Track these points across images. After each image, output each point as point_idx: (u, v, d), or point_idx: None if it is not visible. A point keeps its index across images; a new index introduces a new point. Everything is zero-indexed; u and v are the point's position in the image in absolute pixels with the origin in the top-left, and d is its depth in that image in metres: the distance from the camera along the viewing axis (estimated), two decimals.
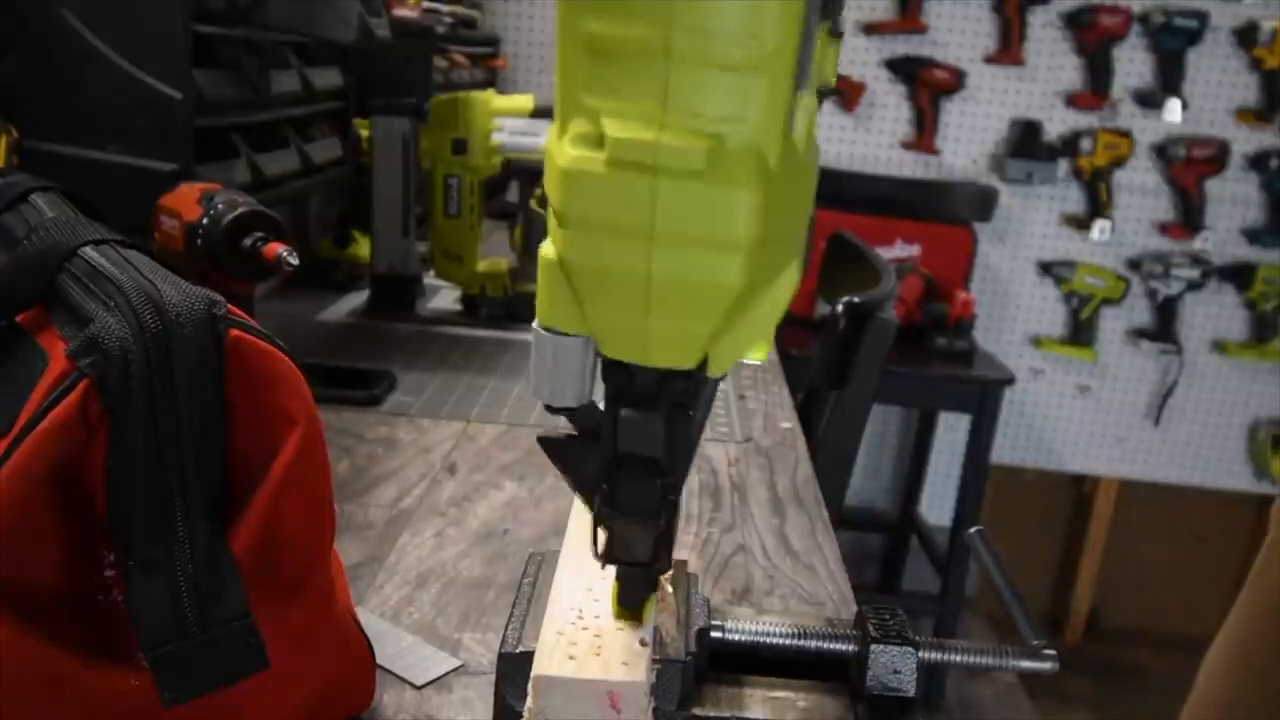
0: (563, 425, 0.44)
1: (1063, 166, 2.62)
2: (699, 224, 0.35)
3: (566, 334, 0.39)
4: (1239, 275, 2.68)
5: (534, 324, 0.40)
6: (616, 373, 0.40)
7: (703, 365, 0.40)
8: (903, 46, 2.59)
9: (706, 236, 0.35)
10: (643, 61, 0.33)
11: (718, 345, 0.39)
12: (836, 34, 0.39)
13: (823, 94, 0.40)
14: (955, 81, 2.58)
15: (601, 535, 0.44)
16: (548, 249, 0.38)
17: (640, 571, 0.46)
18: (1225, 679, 0.78)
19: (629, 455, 0.42)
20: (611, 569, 0.50)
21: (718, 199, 0.34)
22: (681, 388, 0.41)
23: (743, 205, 0.34)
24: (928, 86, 2.59)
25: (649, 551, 0.44)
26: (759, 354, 0.39)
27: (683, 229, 0.35)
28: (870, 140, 2.65)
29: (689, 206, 0.35)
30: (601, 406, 0.42)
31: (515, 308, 1.39)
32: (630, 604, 0.49)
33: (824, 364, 1.26)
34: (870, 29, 2.57)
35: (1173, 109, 2.56)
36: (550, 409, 0.42)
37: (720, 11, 0.32)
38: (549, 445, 0.45)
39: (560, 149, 0.36)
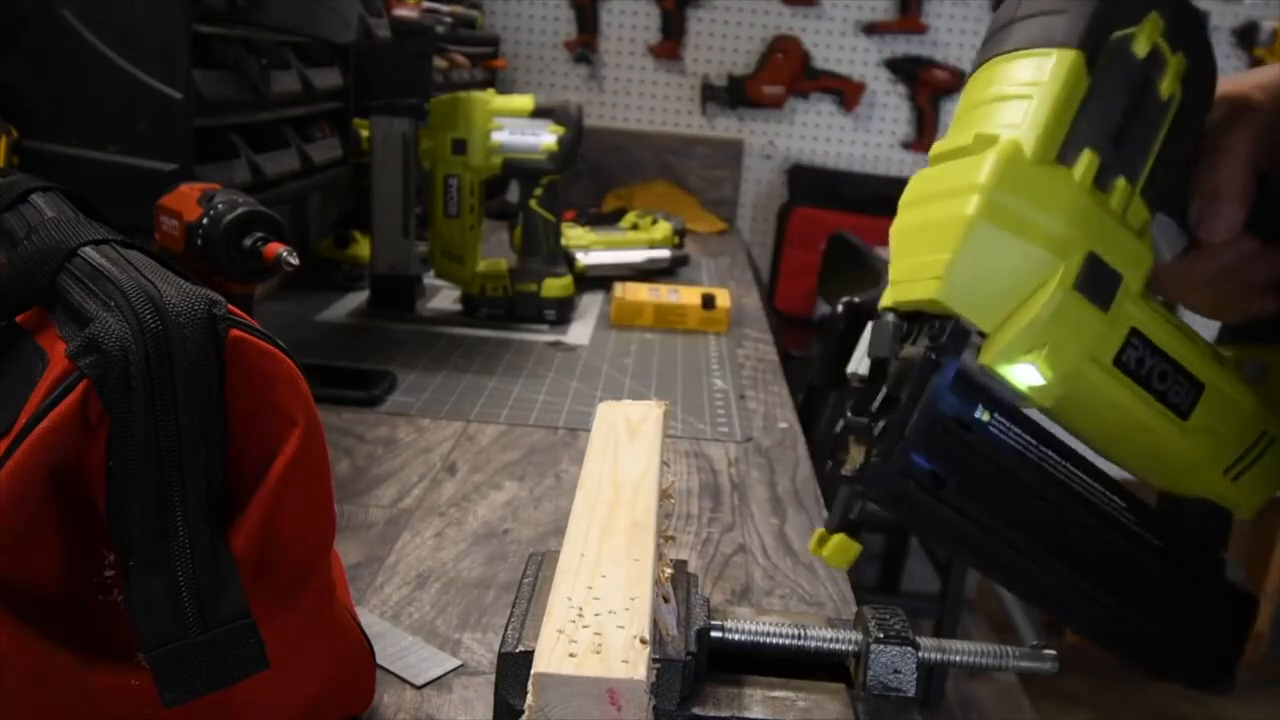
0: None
1: None
2: (955, 181, 0.43)
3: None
4: None
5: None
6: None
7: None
8: (903, 46, 2.59)
9: (959, 186, 0.43)
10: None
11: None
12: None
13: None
14: (955, 81, 2.58)
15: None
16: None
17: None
18: None
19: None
20: (609, 569, 0.51)
21: (973, 162, 0.42)
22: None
23: (988, 160, 0.41)
24: (928, 86, 2.59)
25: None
26: (1044, 367, 0.43)
27: (947, 186, 0.43)
28: (870, 140, 2.65)
29: (955, 172, 0.43)
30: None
31: (515, 308, 1.39)
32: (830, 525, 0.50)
33: (824, 364, 1.26)
34: (870, 29, 2.57)
35: None
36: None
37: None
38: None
39: None
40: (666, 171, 2.59)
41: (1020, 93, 0.44)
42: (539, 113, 1.35)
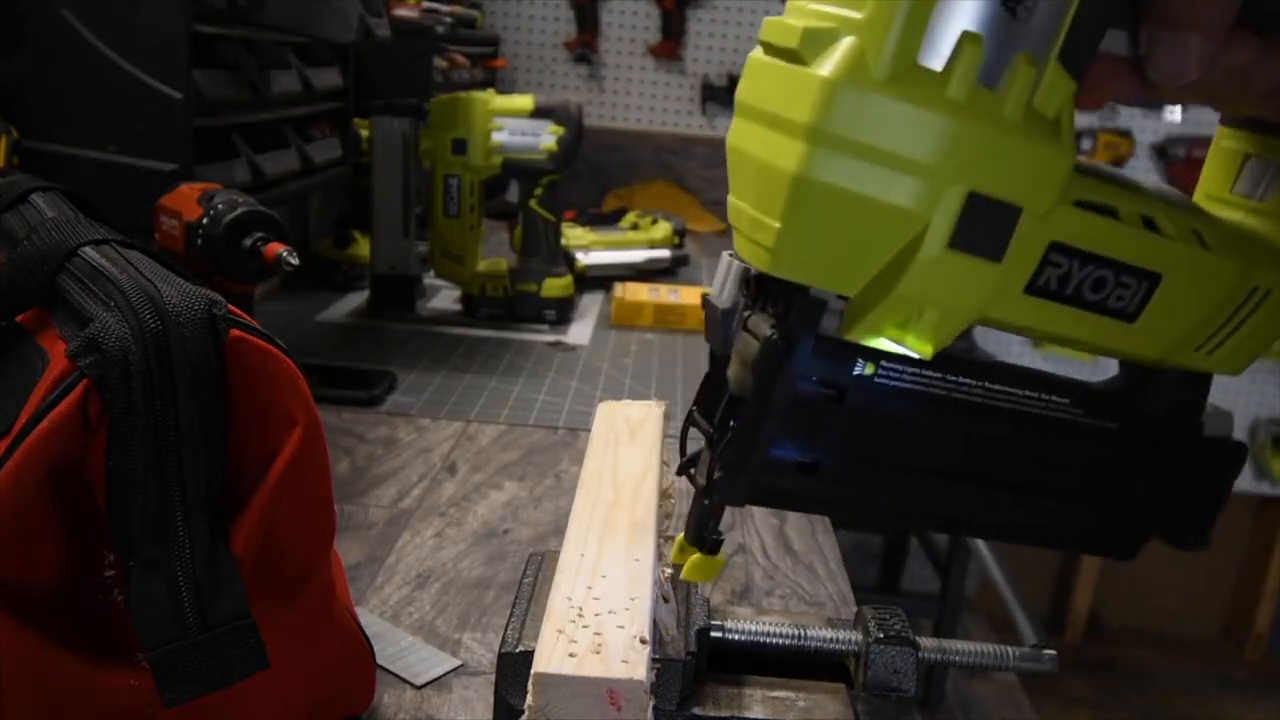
0: None
1: None
2: (781, 104, 0.34)
3: None
4: None
5: None
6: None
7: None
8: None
9: (783, 119, 0.33)
10: None
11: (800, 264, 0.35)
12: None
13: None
14: None
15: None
16: None
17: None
18: None
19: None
20: (609, 569, 0.51)
21: (799, 80, 0.33)
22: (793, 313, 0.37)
23: (813, 88, 0.32)
24: None
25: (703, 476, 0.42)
26: (914, 343, 0.36)
27: (774, 109, 0.34)
28: None
29: (782, 85, 0.34)
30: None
31: (515, 308, 1.39)
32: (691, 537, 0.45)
33: None
34: None
35: (1173, 109, 2.56)
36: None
37: None
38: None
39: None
40: (666, 171, 2.59)
41: None
42: (539, 113, 1.35)
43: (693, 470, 0.44)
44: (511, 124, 1.35)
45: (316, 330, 1.32)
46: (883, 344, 0.37)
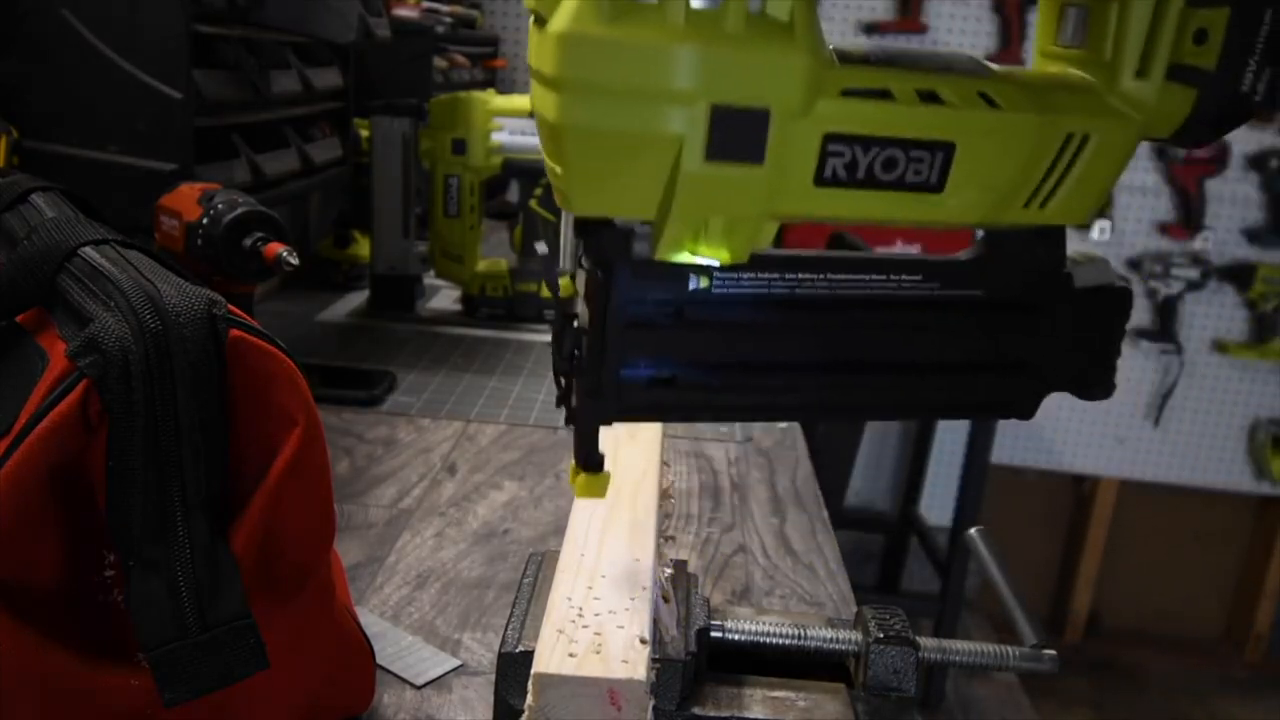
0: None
1: None
2: (539, 61, 0.37)
3: None
4: (1239, 275, 2.69)
5: None
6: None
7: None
8: (903, 46, 2.59)
9: (542, 74, 0.36)
10: None
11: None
12: None
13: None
14: None
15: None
16: None
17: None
18: None
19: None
20: (609, 569, 0.51)
21: (543, 37, 0.36)
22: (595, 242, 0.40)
23: (550, 42, 0.35)
24: None
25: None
26: (709, 252, 0.39)
27: (537, 67, 0.37)
28: None
29: (538, 45, 0.37)
30: None
31: (515, 308, 1.39)
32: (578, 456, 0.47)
33: None
34: (870, 29, 2.57)
35: None
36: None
37: None
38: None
39: None
40: None
41: None
42: None
43: (561, 398, 0.46)
44: (511, 124, 1.35)
45: (316, 330, 1.32)
46: (686, 258, 0.39)
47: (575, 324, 0.42)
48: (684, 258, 0.39)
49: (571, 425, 0.45)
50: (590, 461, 0.45)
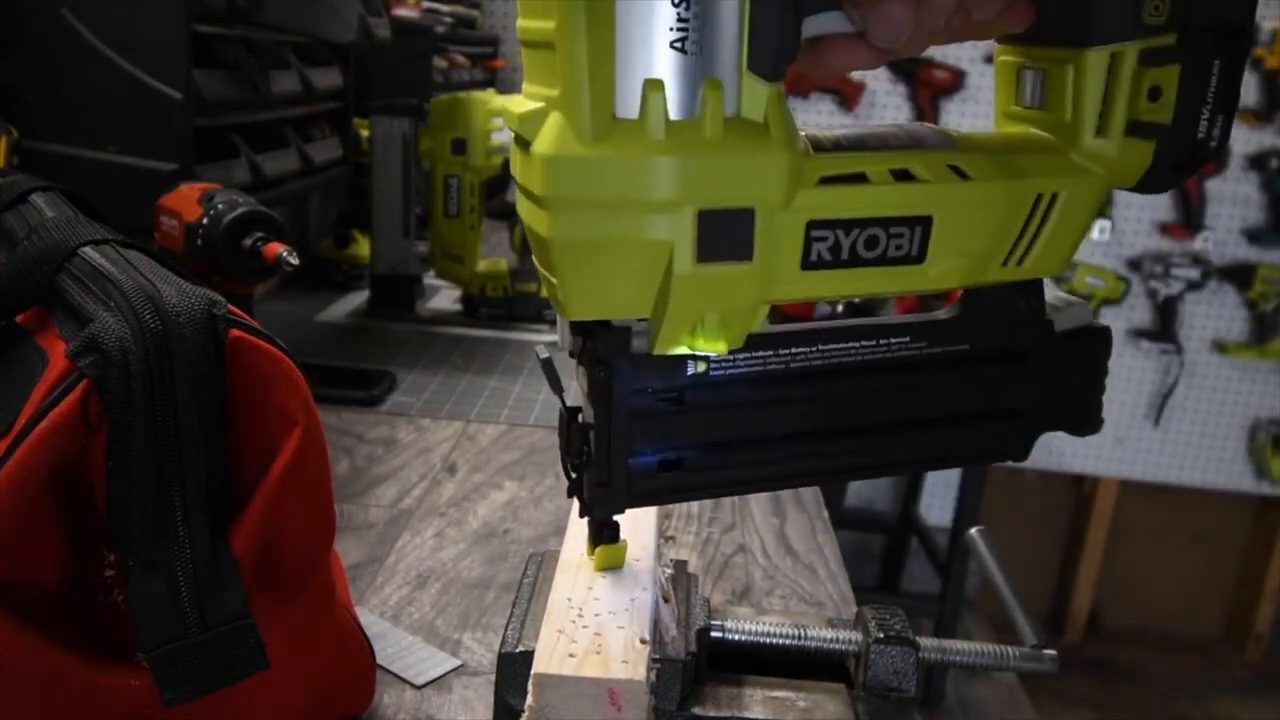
0: None
1: None
2: (526, 180, 0.38)
3: None
4: (1239, 275, 2.69)
5: None
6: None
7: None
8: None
9: (531, 192, 0.38)
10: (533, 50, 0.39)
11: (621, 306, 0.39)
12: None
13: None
14: (955, 81, 2.58)
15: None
16: None
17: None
18: None
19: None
20: (607, 576, 0.52)
21: (529, 158, 0.37)
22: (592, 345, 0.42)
23: (536, 164, 0.36)
24: (928, 86, 2.59)
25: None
26: (707, 345, 0.40)
27: (525, 185, 0.39)
28: None
29: (523, 165, 0.39)
30: None
31: (515, 308, 1.39)
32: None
33: None
34: None
35: None
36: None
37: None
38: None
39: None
40: None
41: (541, 36, 0.36)
42: None
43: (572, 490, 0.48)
44: None
45: (316, 330, 1.32)
46: (685, 350, 0.40)
47: (580, 419, 0.44)
48: (680, 350, 0.40)
49: (585, 517, 0.47)
50: (607, 539, 0.49)
